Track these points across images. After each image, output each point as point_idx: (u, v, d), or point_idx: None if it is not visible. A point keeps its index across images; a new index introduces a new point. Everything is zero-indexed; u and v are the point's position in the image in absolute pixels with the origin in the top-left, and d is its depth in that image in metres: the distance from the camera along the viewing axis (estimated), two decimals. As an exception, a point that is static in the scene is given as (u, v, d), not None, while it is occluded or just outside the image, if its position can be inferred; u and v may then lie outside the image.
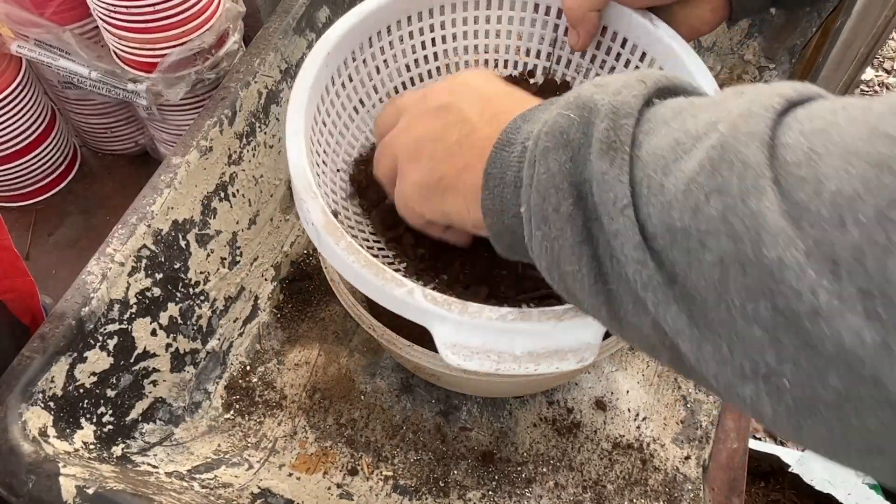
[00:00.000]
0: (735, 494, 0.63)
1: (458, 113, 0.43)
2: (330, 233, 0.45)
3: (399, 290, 0.42)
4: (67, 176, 0.93)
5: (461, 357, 0.42)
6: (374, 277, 0.43)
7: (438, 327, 0.42)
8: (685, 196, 0.28)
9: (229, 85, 0.69)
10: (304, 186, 0.47)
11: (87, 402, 0.58)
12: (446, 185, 0.43)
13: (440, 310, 0.42)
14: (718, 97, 0.32)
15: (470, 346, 0.42)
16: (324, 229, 0.45)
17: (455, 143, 0.42)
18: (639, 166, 0.31)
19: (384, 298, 0.44)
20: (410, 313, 0.43)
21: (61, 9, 0.75)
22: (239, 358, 0.71)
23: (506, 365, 0.42)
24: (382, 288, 0.43)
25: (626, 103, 0.33)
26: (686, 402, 0.68)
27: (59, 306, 0.56)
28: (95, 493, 0.49)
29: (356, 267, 0.44)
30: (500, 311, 0.41)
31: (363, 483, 0.64)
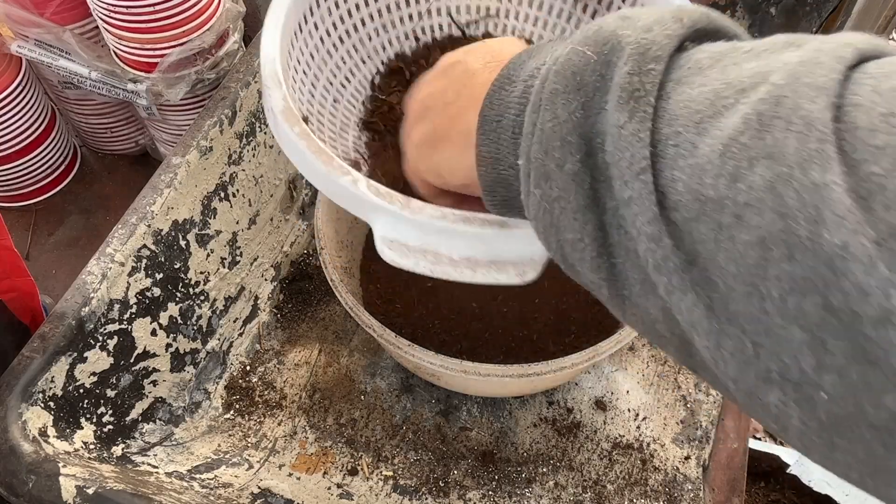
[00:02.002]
0: (735, 494, 0.63)
1: (462, 66, 0.39)
2: (287, 119, 0.43)
3: (344, 179, 0.41)
4: (67, 176, 0.93)
5: (397, 254, 0.40)
6: (321, 164, 0.41)
7: (378, 220, 0.40)
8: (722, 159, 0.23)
9: (229, 85, 0.69)
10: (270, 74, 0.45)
11: (87, 402, 0.58)
12: (440, 136, 0.39)
13: (381, 202, 0.40)
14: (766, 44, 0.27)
15: (407, 244, 0.40)
16: (281, 114, 0.43)
17: (454, 92, 0.39)
18: (665, 120, 0.26)
19: (329, 186, 0.42)
20: (352, 204, 0.42)
21: (61, 9, 0.75)
22: (239, 358, 0.71)
23: (441, 268, 0.40)
24: (328, 175, 0.41)
25: (657, 43, 0.28)
26: (686, 402, 0.68)
27: (59, 306, 0.56)
28: (95, 493, 0.49)
29: (306, 152, 0.42)
30: (443, 210, 0.39)
31: (363, 483, 0.64)
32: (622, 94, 0.27)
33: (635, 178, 0.26)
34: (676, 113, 0.26)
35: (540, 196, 0.30)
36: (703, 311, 0.25)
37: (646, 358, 0.71)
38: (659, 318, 0.27)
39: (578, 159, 0.28)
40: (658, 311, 0.27)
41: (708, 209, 0.24)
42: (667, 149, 0.26)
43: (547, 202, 0.30)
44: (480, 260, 0.40)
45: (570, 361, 0.55)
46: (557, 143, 0.29)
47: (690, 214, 0.24)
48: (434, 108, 0.40)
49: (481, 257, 0.40)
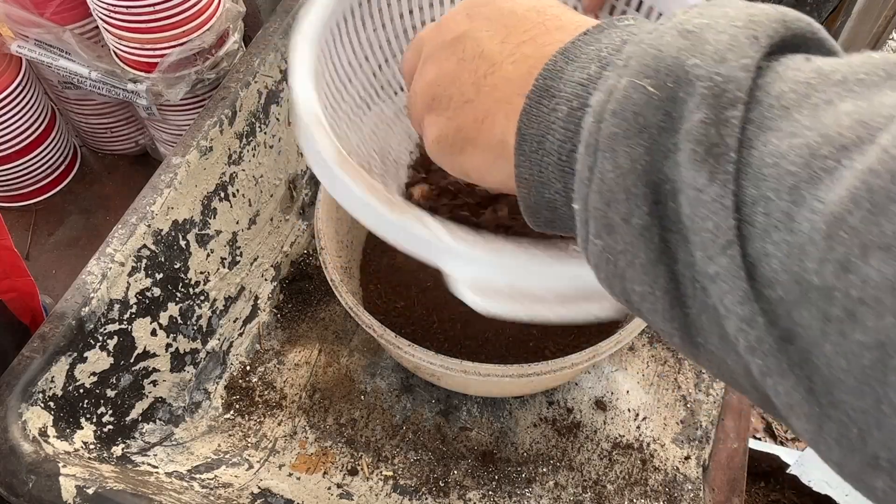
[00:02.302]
0: (735, 494, 0.63)
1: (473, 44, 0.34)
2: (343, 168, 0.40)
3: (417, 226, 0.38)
4: (67, 176, 0.93)
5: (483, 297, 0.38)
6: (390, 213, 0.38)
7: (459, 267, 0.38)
8: (828, 242, 0.20)
9: (229, 85, 0.69)
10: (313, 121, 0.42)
11: (87, 402, 0.58)
12: (465, 138, 0.35)
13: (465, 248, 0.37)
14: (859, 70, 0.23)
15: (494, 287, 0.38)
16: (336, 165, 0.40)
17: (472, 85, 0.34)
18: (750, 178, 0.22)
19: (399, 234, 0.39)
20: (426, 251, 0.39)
21: (61, 9, 0.75)
22: (239, 358, 0.71)
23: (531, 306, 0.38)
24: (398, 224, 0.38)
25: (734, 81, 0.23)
26: (686, 402, 0.68)
27: (59, 306, 0.56)
28: (95, 493, 0.49)
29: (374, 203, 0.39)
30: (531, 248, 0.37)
31: (363, 483, 0.64)
32: (697, 147, 0.23)
33: (721, 252, 0.23)
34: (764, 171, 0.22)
35: (602, 247, 0.27)
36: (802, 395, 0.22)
37: (646, 358, 0.71)
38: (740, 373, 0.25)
39: (646, 211, 0.25)
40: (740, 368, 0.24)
41: (812, 297, 0.21)
42: (755, 215, 0.22)
43: (611, 254, 0.27)
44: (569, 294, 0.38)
45: (570, 361, 0.55)
46: (622, 196, 0.25)
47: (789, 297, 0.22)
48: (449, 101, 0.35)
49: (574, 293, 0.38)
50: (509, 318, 0.39)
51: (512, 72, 0.32)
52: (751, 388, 0.25)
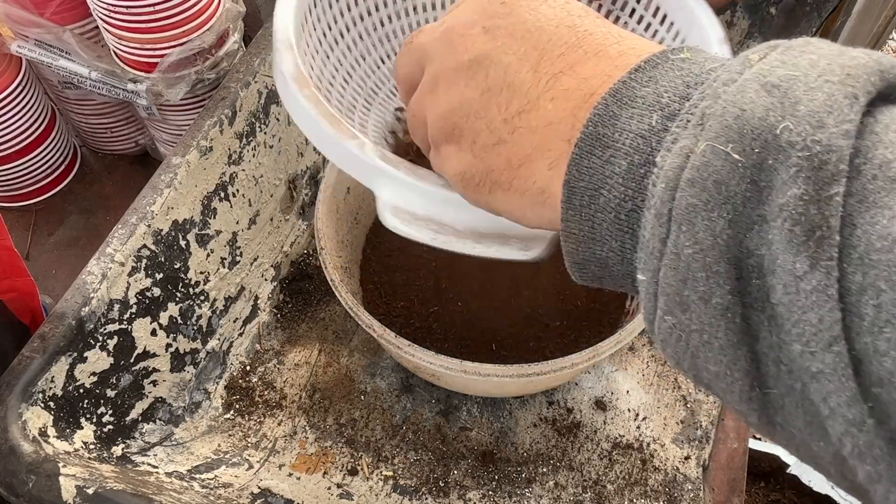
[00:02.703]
0: (735, 494, 0.63)
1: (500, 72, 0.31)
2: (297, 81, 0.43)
3: (351, 142, 0.40)
4: (67, 176, 0.93)
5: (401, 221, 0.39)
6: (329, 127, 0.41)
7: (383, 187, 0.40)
8: None
9: (229, 85, 0.69)
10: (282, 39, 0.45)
11: (87, 402, 0.58)
12: (495, 181, 0.32)
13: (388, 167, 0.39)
14: None
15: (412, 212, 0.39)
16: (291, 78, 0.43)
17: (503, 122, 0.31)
18: (853, 264, 0.20)
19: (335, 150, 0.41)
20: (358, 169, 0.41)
21: (61, 9, 0.75)
22: (239, 358, 0.71)
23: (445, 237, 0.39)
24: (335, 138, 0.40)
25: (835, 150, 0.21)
26: (686, 402, 0.68)
27: (59, 306, 0.56)
28: (95, 493, 0.49)
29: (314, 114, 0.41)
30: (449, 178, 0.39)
31: (363, 483, 0.64)
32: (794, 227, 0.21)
33: (825, 349, 0.20)
34: (872, 257, 0.20)
35: (673, 324, 0.25)
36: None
37: (646, 358, 0.71)
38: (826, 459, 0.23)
39: (728, 290, 0.23)
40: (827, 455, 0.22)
41: None
42: (863, 307, 0.20)
43: (683, 332, 0.24)
44: (486, 232, 0.39)
45: (570, 361, 0.55)
46: (701, 274, 0.23)
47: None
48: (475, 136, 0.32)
49: (486, 229, 0.39)
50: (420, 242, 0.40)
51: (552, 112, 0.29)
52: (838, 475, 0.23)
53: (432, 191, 0.39)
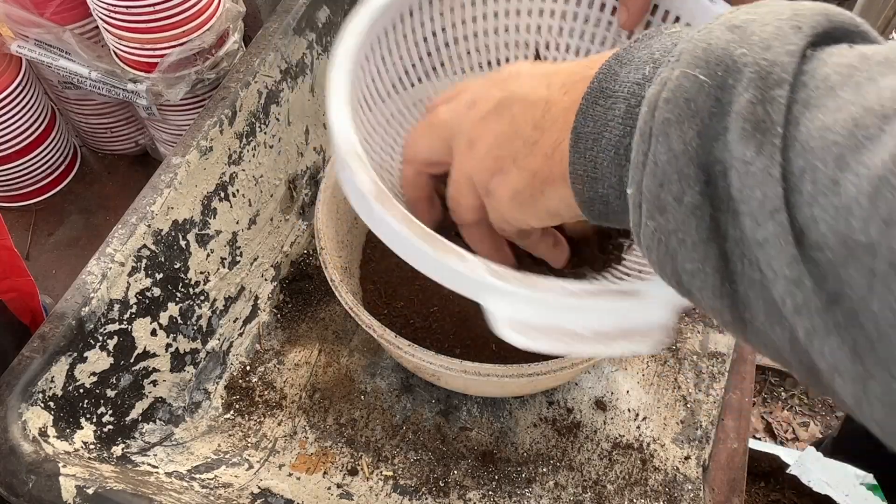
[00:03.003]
0: (735, 494, 0.63)
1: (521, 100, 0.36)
2: (382, 203, 0.40)
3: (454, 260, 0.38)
4: (67, 176, 0.93)
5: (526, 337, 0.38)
6: (428, 248, 0.39)
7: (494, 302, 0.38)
8: (872, 202, 0.22)
9: (229, 85, 0.69)
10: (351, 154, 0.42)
11: (87, 402, 0.58)
12: (542, 180, 0.36)
13: (498, 282, 0.38)
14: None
15: (530, 323, 0.38)
16: (374, 199, 0.41)
17: (533, 129, 0.35)
18: (797, 152, 0.24)
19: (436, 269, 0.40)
20: (464, 286, 0.40)
21: (61, 9, 0.75)
22: (239, 358, 0.71)
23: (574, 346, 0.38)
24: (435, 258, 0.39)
25: (779, 64, 0.25)
26: (686, 402, 0.68)
27: (59, 306, 0.56)
28: (95, 493, 0.49)
29: (411, 238, 0.39)
30: (568, 286, 0.37)
31: (363, 483, 0.64)
32: (745, 125, 0.25)
33: (769, 218, 0.24)
34: (810, 144, 0.24)
35: (654, 228, 0.29)
36: (847, 355, 0.23)
37: (646, 358, 0.71)
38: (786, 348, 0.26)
39: (698, 191, 0.27)
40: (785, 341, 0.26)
41: (858, 254, 0.22)
42: (803, 184, 0.24)
43: (663, 234, 0.28)
44: (610, 332, 0.38)
45: (570, 361, 0.55)
46: (674, 176, 0.27)
47: (836, 258, 0.23)
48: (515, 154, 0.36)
49: (610, 328, 0.38)
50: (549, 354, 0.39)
51: (567, 100, 0.33)
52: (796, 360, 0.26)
53: (553, 300, 0.38)
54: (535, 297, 0.38)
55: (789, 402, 1.42)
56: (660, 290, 0.38)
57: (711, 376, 0.70)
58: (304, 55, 0.76)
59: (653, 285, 0.38)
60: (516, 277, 0.38)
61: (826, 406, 1.42)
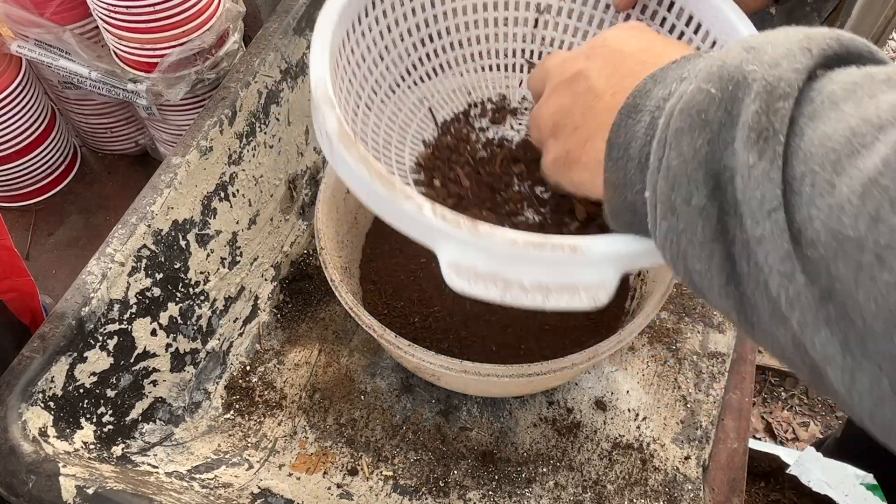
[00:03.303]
0: (735, 494, 0.63)
1: (586, 82, 0.40)
2: (343, 142, 0.42)
3: (408, 204, 0.39)
4: (67, 176, 0.93)
5: (465, 281, 0.39)
6: (383, 190, 0.40)
7: (444, 247, 0.40)
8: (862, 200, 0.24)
9: (229, 85, 0.69)
10: (322, 96, 0.44)
11: (87, 402, 0.58)
12: (572, 160, 0.40)
13: (449, 228, 0.39)
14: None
15: (476, 270, 0.39)
16: (337, 138, 0.42)
17: (581, 115, 0.40)
18: (799, 158, 0.26)
19: (391, 212, 0.41)
20: (416, 230, 0.41)
21: (61, 9, 0.75)
22: (239, 358, 0.71)
23: (512, 294, 0.39)
24: (391, 201, 0.40)
25: (785, 79, 0.28)
26: (686, 402, 0.68)
27: (59, 306, 0.56)
28: (95, 493, 0.49)
29: (366, 177, 0.41)
30: (512, 235, 0.38)
31: (363, 483, 0.64)
32: (750, 133, 0.27)
33: (766, 217, 0.26)
34: (811, 151, 0.26)
35: (667, 228, 0.31)
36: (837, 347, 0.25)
37: (646, 358, 0.71)
38: (789, 347, 0.28)
39: (705, 194, 0.29)
40: (788, 340, 0.28)
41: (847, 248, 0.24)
42: (802, 187, 0.26)
43: (674, 234, 0.31)
44: (552, 285, 0.39)
45: (570, 361, 0.55)
46: (684, 179, 0.30)
47: (828, 252, 0.25)
48: (564, 128, 0.41)
49: (553, 283, 0.39)
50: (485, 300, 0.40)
51: (611, 101, 0.37)
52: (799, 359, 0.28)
53: (495, 248, 0.38)
54: (479, 244, 0.39)
55: (789, 402, 1.42)
56: (604, 247, 0.39)
57: (711, 376, 0.70)
58: (304, 55, 0.76)
59: (598, 241, 0.39)
60: (464, 224, 0.39)
61: (826, 406, 1.42)
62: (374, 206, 0.42)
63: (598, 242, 0.39)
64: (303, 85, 0.77)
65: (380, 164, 0.41)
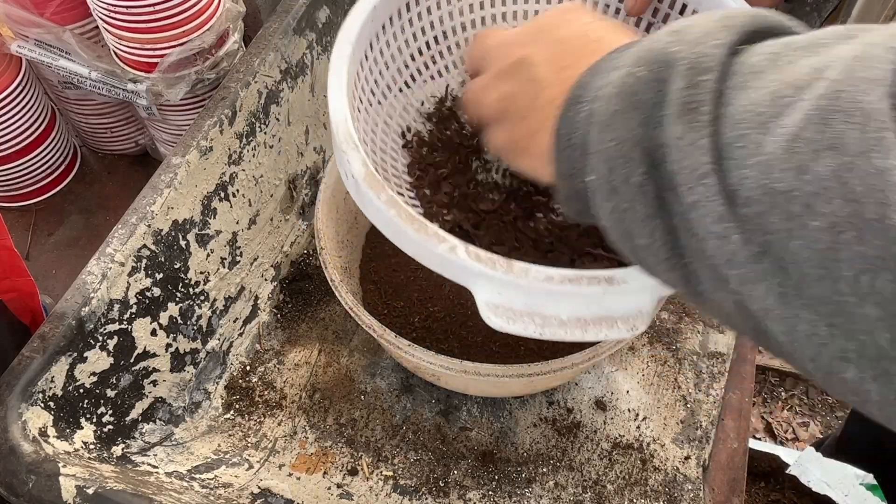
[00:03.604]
0: (735, 494, 0.63)
1: (528, 71, 0.40)
2: (370, 185, 0.42)
3: (441, 247, 0.40)
4: (67, 176, 0.93)
5: (504, 320, 0.40)
6: (415, 233, 0.40)
7: (480, 287, 0.40)
8: (788, 154, 0.25)
9: (229, 85, 0.69)
10: (345, 138, 0.44)
11: (87, 402, 0.58)
12: (522, 148, 0.41)
13: (483, 268, 0.39)
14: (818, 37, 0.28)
15: (513, 308, 0.40)
16: (364, 182, 0.42)
17: (526, 106, 0.40)
18: (728, 125, 0.28)
19: (425, 255, 0.41)
20: (451, 271, 0.41)
21: (61, 9, 0.75)
22: (239, 358, 0.71)
23: (551, 330, 0.39)
24: (424, 244, 0.40)
25: (707, 55, 0.29)
26: (686, 402, 0.68)
27: (59, 306, 0.56)
28: (95, 493, 0.49)
29: (397, 222, 0.41)
30: (548, 271, 0.39)
31: (363, 483, 0.64)
32: (678, 108, 0.29)
33: (698, 182, 0.28)
34: (739, 117, 0.27)
35: (610, 208, 0.32)
36: (775, 298, 0.26)
37: (646, 358, 0.71)
38: (733, 311, 0.29)
39: (642, 172, 0.30)
40: (731, 305, 0.29)
41: (778, 201, 0.25)
42: (733, 151, 0.27)
43: (617, 213, 0.32)
44: (589, 318, 0.40)
45: (570, 361, 0.55)
46: (621, 160, 0.31)
47: (761, 208, 0.26)
48: (509, 117, 0.42)
49: (590, 315, 0.40)
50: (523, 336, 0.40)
51: (556, 94, 0.37)
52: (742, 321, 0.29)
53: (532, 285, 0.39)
54: (515, 282, 0.39)
55: (789, 402, 1.42)
56: (639, 276, 0.39)
57: (711, 376, 0.70)
58: (304, 55, 0.76)
59: (632, 271, 0.39)
60: (499, 262, 0.39)
61: (826, 406, 1.42)
62: (405, 246, 0.42)
63: (632, 273, 0.39)
64: (303, 85, 0.77)
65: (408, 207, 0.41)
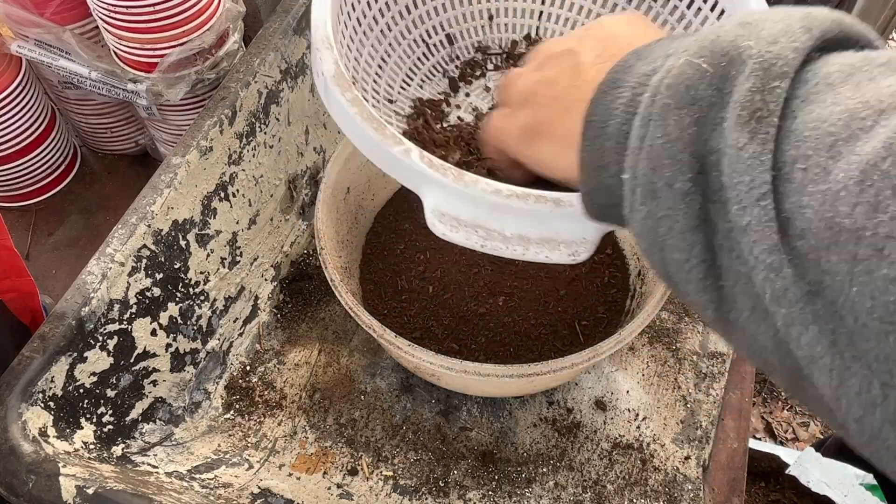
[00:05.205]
0: (735, 494, 0.63)
1: (573, 57, 0.38)
2: (338, 83, 0.42)
3: (396, 148, 0.40)
4: (67, 176, 0.93)
5: (448, 227, 0.40)
6: (373, 132, 0.40)
7: (429, 192, 0.40)
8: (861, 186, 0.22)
9: (229, 85, 0.69)
10: (321, 37, 0.44)
11: (87, 402, 0.58)
12: (545, 131, 0.38)
13: (435, 174, 0.39)
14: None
15: (459, 218, 0.40)
16: (332, 79, 0.42)
17: (562, 86, 0.38)
18: (791, 142, 0.24)
19: (380, 155, 0.41)
20: (404, 174, 0.41)
21: (61, 9, 0.75)
22: (239, 358, 0.71)
23: (492, 243, 0.39)
24: (380, 144, 0.40)
25: (783, 58, 0.26)
26: (686, 402, 0.68)
27: (59, 306, 0.56)
28: (95, 493, 0.49)
29: (357, 119, 0.41)
30: (497, 185, 0.38)
31: (363, 483, 0.64)
32: (742, 112, 0.25)
33: (754, 203, 0.24)
34: (805, 134, 0.24)
35: (646, 213, 0.29)
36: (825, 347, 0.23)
37: (646, 358, 0.71)
38: (768, 347, 0.26)
39: (689, 178, 0.27)
40: (768, 340, 0.26)
41: (842, 239, 0.22)
42: (793, 172, 0.24)
43: (653, 220, 0.29)
44: (533, 237, 0.39)
45: (570, 361, 0.55)
46: (667, 161, 0.28)
47: (820, 244, 0.23)
48: (540, 98, 0.39)
49: (534, 235, 0.39)
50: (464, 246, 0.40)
51: (593, 76, 0.35)
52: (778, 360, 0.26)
53: (479, 196, 0.39)
54: (464, 192, 0.39)
55: (789, 402, 1.42)
56: None
57: (711, 376, 0.70)
58: (304, 55, 0.76)
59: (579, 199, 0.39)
60: (452, 171, 0.39)
61: (826, 406, 1.42)
62: (363, 148, 0.42)
63: None
64: (303, 85, 0.77)
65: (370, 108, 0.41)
